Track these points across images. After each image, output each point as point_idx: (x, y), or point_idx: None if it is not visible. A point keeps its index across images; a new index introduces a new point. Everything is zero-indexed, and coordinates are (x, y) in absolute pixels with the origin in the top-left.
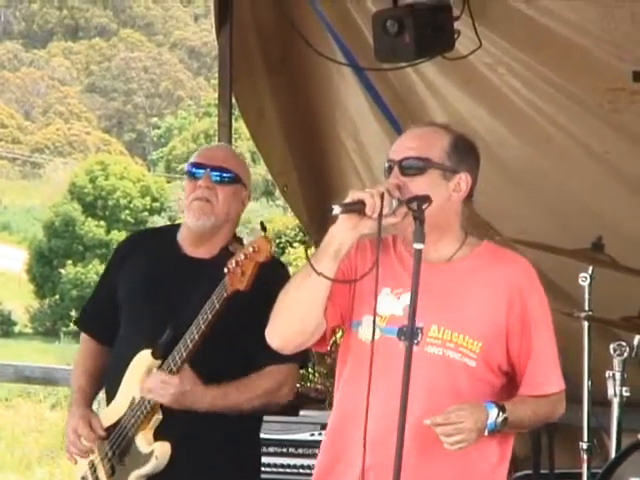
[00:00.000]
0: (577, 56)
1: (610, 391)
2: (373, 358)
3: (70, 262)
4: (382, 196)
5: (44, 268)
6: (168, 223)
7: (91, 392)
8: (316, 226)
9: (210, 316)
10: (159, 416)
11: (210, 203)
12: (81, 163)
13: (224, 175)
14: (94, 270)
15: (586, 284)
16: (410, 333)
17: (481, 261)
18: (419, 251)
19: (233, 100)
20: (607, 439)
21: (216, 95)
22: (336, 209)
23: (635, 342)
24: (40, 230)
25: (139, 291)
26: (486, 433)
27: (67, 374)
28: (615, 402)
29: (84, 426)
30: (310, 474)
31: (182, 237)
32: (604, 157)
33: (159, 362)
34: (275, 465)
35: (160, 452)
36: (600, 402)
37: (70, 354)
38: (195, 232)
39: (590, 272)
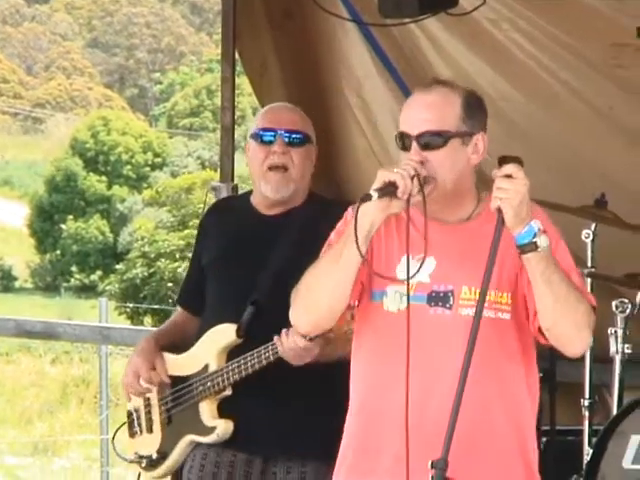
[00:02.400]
0: (581, 12)
1: (612, 348)
2: (398, 328)
3: (71, 217)
4: (413, 178)
5: (45, 223)
6: (170, 178)
7: (164, 342)
8: (318, 181)
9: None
10: (229, 392)
11: (287, 170)
12: (83, 118)
13: (296, 137)
14: (95, 225)
15: (589, 241)
16: (481, 300)
17: (491, 213)
18: (501, 217)
19: (236, 56)
20: (609, 396)
21: (218, 51)
22: (374, 194)
23: (637, 299)
24: (41, 185)
25: (220, 258)
26: (526, 228)
27: (68, 328)
28: (617, 359)
29: (146, 370)
30: None
31: (256, 201)
32: (608, 113)
33: (240, 341)
34: None
35: (222, 430)
36: (602, 359)
37: (70, 309)
38: (274, 200)
39: (593, 229)
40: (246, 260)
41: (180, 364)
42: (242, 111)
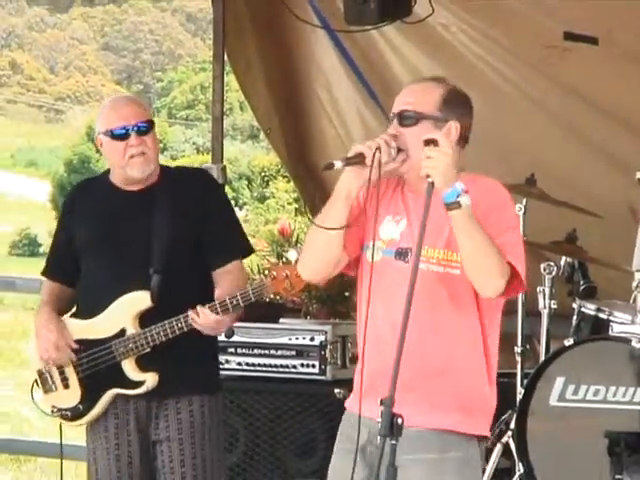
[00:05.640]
0: (517, 18)
1: (540, 304)
2: (375, 277)
3: None
4: (378, 148)
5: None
6: (170, 160)
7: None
8: (294, 162)
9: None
10: (148, 350)
11: (146, 154)
12: (97, 110)
13: (144, 126)
14: None
15: (521, 213)
16: (417, 256)
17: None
18: (431, 184)
19: (225, 57)
20: (538, 344)
21: (211, 53)
22: (337, 163)
23: (562, 263)
24: (61, 166)
25: (97, 231)
26: (451, 189)
27: None
28: (545, 313)
29: (64, 342)
30: (287, 372)
31: (118, 180)
32: (541, 103)
33: (153, 305)
34: (259, 365)
35: (151, 383)
36: (532, 313)
37: None
38: (140, 179)
39: (524, 203)
40: (129, 233)
41: (91, 328)
42: (230, 104)
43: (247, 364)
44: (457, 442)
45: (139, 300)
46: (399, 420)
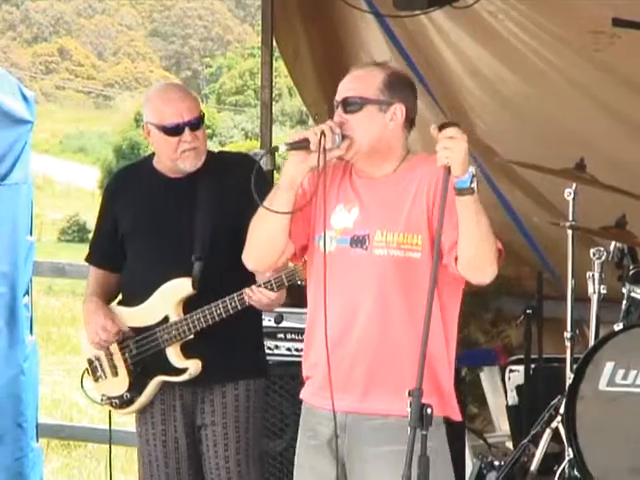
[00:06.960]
0: (564, 4)
1: (590, 289)
2: (330, 266)
3: None
4: (322, 133)
5: None
6: (218, 146)
7: (102, 300)
8: None
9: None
10: (191, 336)
11: (197, 148)
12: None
13: (197, 123)
14: None
15: (570, 198)
16: (437, 246)
17: (410, 169)
18: (447, 169)
19: (274, 43)
20: (587, 330)
21: (259, 39)
22: (282, 146)
23: (611, 248)
24: (111, 152)
25: (141, 218)
26: (467, 175)
27: None
28: (594, 298)
29: (112, 325)
30: None
31: (163, 168)
32: (588, 90)
33: (195, 292)
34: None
35: (194, 370)
36: (582, 298)
37: None
38: (190, 172)
39: (574, 188)
40: (173, 220)
41: (136, 316)
42: (279, 90)
43: (296, 350)
44: None
45: (181, 287)
46: (429, 410)
